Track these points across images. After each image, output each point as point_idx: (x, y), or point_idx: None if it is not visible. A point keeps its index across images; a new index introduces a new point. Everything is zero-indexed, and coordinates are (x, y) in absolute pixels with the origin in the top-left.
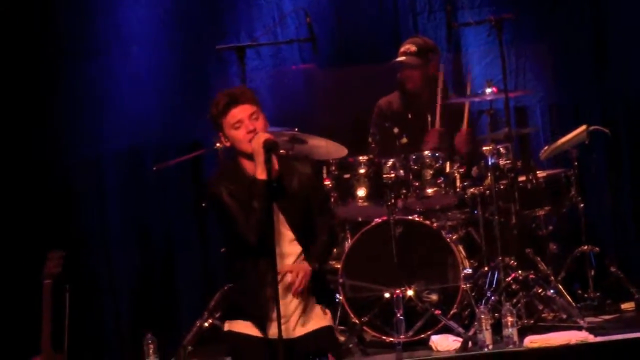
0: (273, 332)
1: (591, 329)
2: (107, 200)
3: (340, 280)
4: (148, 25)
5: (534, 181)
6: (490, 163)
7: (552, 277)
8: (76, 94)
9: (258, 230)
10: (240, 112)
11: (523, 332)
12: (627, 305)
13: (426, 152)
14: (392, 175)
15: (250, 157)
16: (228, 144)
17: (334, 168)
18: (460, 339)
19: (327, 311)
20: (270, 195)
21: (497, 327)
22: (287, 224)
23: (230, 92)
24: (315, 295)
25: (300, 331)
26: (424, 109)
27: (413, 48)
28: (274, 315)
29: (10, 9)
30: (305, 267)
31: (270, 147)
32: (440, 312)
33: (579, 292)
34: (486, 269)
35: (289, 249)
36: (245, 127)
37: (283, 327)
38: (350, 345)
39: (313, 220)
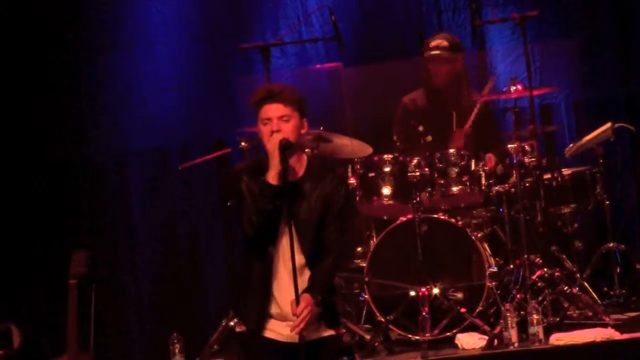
0: (273, 331)
1: (617, 327)
2: (132, 199)
3: (366, 279)
4: (173, 23)
5: (559, 179)
6: (515, 161)
7: (578, 275)
8: (100, 90)
9: (258, 229)
10: (272, 110)
11: (549, 330)
12: None
13: (451, 150)
14: (417, 173)
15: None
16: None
17: (359, 167)
18: (486, 337)
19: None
20: (280, 199)
21: (523, 325)
22: (298, 241)
23: (270, 87)
24: (324, 320)
25: (308, 334)
26: (449, 106)
27: (445, 43)
28: (273, 313)
29: (34, 4)
30: (311, 307)
31: (284, 147)
32: (465, 310)
33: (605, 289)
34: (511, 266)
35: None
36: (271, 126)
37: (287, 329)
38: (376, 344)
39: (324, 236)
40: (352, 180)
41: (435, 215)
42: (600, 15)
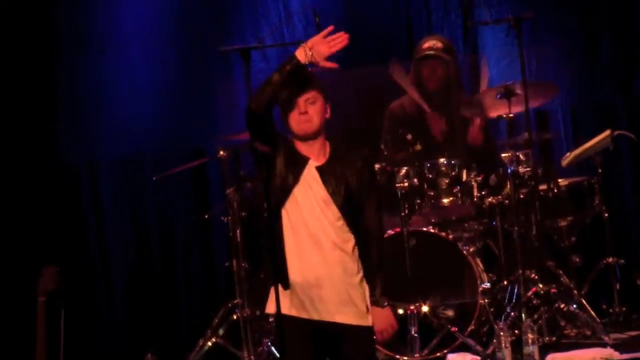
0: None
1: (617, 346)
2: (104, 212)
3: None
4: (147, 24)
5: (556, 189)
6: (509, 171)
7: (575, 291)
8: (71, 96)
9: (265, 103)
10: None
11: (545, 350)
12: None
13: (442, 160)
14: (406, 184)
15: (300, 138)
16: None
17: None
18: (479, 358)
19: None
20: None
21: (517, 345)
22: (329, 193)
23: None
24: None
25: (340, 317)
26: (440, 112)
27: (439, 44)
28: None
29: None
30: (392, 322)
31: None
32: (457, 329)
33: (604, 306)
34: (505, 283)
35: (326, 213)
36: (298, 109)
37: (319, 306)
38: None
39: (362, 217)
40: None
41: (425, 229)
42: (599, 18)
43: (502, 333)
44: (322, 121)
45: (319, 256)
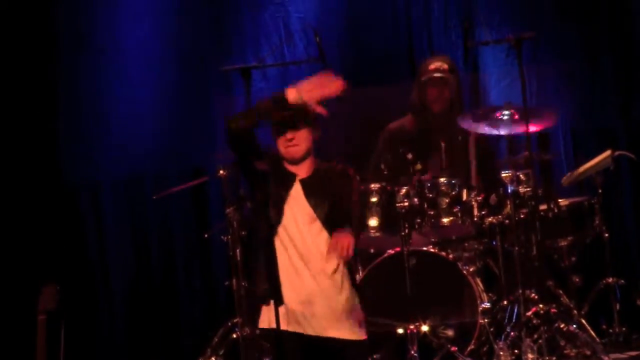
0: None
1: None
2: (105, 230)
3: None
4: (148, 43)
5: (556, 210)
6: (509, 190)
7: (575, 311)
8: (73, 116)
9: (246, 127)
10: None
11: None
12: None
13: (442, 179)
14: (406, 203)
15: (288, 161)
16: None
17: None
18: None
19: (364, 323)
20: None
21: None
22: (312, 207)
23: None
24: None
25: (333, 332)
26: (440, 134)
27: (445, 66)
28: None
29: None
30: (347, 234)
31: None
32: (456, 348)
33: (604, 327)
34: (505, 302)
35: (310, 228)
36: (285, 136)
37: (312, 321)
38: None
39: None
40: None
41: (425, 248)
42: (600, 39)
43: (502, 353)
44: (309, 145)
45: (308, 272)
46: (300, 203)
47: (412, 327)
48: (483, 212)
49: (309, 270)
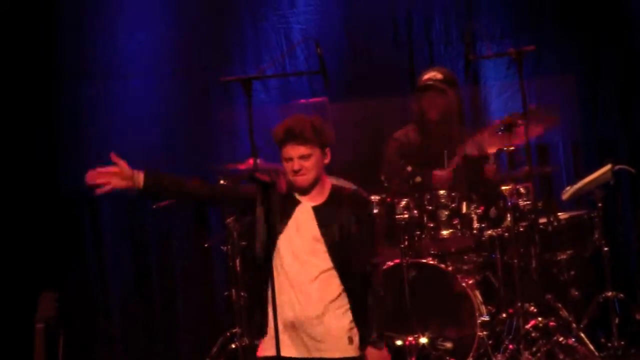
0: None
1: None
2: (104, 239)
3: None
4: (148, 54)
5: (556, 223)
6: (509, 203)
7: (574, 325)
8: (72, 125)
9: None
10: (292, 150)
11: None
12: None
13: (442, 192)
14: (406, 215)
15: (296, 189)
16: None
17: None
18: None
19: (355, 339)
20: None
21: None
22: (322, 237)
23: (289, 127)
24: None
25: (330, 353)
26: (441, 143)
27: (439, 75)
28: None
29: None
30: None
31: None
32: None
33: (603, 340)
34: (504, 315)
35: (316, 260)
36: (292, 165)
37: (308, 343)
38: None
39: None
40: None
41: (424, 260)
42: (600, 52)
43: None
44: (318, 172)
45: (305, 295)
46: (306, 226)
47: (410, 338)
48: (483, 225)
49: (308, 293)
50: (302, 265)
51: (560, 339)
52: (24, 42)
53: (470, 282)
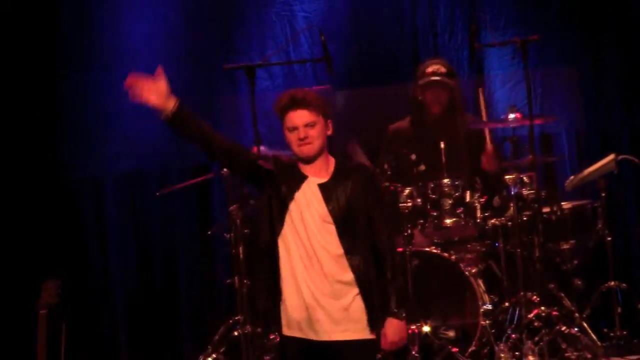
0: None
1: None
2: (107, 227)
3: None
4: (152, 41)
5: (559, 212)
6: (512, 193)
7: (577, 314)
8: (76, 112)
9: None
10: (297, 118)
11: None
12: None
13: (445, 181)
14: (409, 204)
15: (302, 160)
16: None
17: None
18: None
19: (371, 321)
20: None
21: None
22: (330, 214)
23: (293, 94)
24: (369, 318)
25: (338, 335)
26: (439, 136)
27: (443, 69)
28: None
29: (13, 25)
30: (404, 336)
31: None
32: (457, 349)
33: (605, 330)
34: (507, 304)
35: (321, 230)
36: (297, 134)
37: (316, 326)
38: None
39: (374, 239)
40: None
41: (427, 249)
42: (605, 42)
43: (502, 355)
44: (323, 142)
45: (313, 275)
46: (313, 205)
47: (413, 327)
48: (486, 214)
49: (316, 273)
50: (312, 244)
51: (563, 328)
52: (28, 30)
53: (474, 270)
